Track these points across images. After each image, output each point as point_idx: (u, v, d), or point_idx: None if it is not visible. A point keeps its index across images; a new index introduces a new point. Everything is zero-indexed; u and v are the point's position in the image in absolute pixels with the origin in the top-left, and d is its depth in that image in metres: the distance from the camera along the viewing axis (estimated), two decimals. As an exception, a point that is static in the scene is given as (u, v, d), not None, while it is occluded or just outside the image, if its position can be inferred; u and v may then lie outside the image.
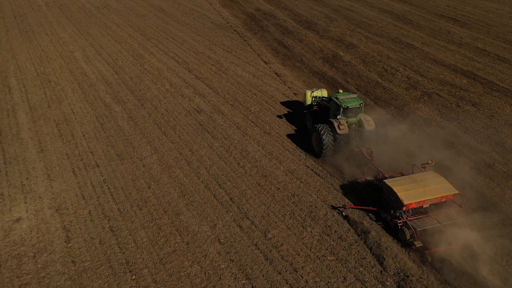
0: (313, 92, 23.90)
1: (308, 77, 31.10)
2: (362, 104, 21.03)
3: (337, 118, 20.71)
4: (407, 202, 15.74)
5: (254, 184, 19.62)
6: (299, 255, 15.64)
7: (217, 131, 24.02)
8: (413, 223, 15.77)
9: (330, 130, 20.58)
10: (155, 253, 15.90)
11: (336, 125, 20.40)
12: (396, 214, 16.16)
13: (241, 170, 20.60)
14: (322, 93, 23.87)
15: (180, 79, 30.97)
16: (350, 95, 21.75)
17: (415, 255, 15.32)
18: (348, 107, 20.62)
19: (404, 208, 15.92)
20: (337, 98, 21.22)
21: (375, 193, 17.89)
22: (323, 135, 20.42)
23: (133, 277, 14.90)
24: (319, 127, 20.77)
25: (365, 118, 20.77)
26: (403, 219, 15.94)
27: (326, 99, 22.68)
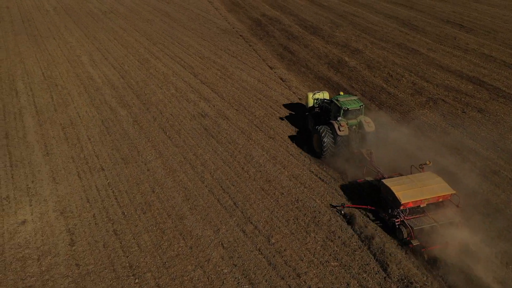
0: (315, 94, 24.28)
1: (313, 82, 31.13)
2: (362, 106, 21.30)
3: (338, 119, 21.00)
4: (404, 201, 16.02)
5: (258, 189, 19.63)
6: (302, 260, 15.59)
7: (221, 135, 24.08)
8: (410, 222, 16.02)
9: (331, 131, 20.93)
10: (158, 257, 15.93)
11: (336, 126, 20.73)
12: (394, 213, 16.47)
13: (245, 175, 20.62)
14: (323, 95, 24.27)
15: (185, 84, 31.12)
16: (351, 97, 22.06)
17: (419, 262, 15.24)
18: (348, 109, 20.96)
19: (401, 207, 16.19)
20: (337, 100, 21.52)
21: (374, 193, 18.17)
22: (324, 136, 20.78)
23: (136, 280, 14.92)
24: (320, 129, 21.10)
25: (365, 120, 21.09)
26: (400, 218, 16.20)
27: (327, 101, 23.07)
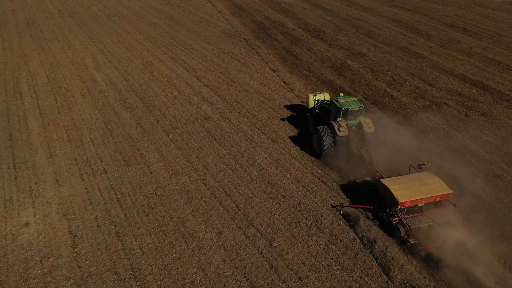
0: (315, 95, 24.57)
1: (316, 85, 31.14)
2: (362, 107, 21.55)
3: (338, 120, 21.26)
4: (402, 200, 16.21)
5: (260, 191, 19.63)
6: (304, 263, 15.57)
7: (224, 138, 24.11)
8: (407, 221, 16.21)
9: (331, 132, 21.21)
10: (160, 259, 15.94)
11: (336, 127, 20.99)
12: (392, 212, 16.64)
13: (248, 178, 20.63)
14: (324, 96, 24.55)
15: (188, 87, 31.20)
16: (351, 98, 22.32)
17: (422, 266, 15.18)
18: (348, 109, 21.23)
19: (399, 206, 16.37)
20: (337, 101, 21.80)
21: (372, 192, 18.36)
22: (324, 137, 21.06)
23: (138, 283, 14.93)
24: (320, 129, 21.38)
25: (365, 120, 21.32)
26: (398, 217, 16.42)
27: (328, 102, 23.38)
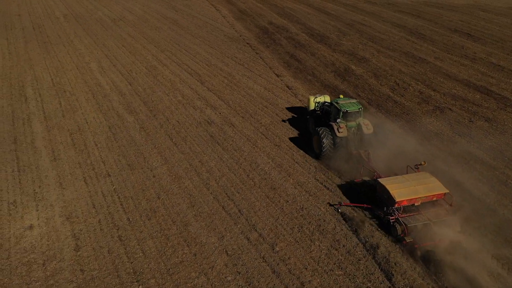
0: (316, 97, 25.04)
1: (320, 90, 31.15)
2: (361, 109, 22.07)
3: (337, 121, 21.65)
4: (398, 199, 16.55)
5: (263, 196, 19.62)
6: (306, 269, 15.52)
7: (227, 142, 24.16)
8: (404, 220, 16.48)
9: (330, 133, 21.59)
10: (162, 263, 15.94)
11: (335, 128, 21.42)
12: (389, 211, 16.95)
13: (250, 182, 20.63)
14: (325, 98, 24.97)
15: (192, 91, 31.32)
16: (350, 100, 22.79)
17: (424, 272, 15.10)
18: (347, 111, 21.68)
19: (396, 205, 16.70)
20: (337, 103, 22.26)
21: (370, 192, 18.67)
22: (323, 138, 21.44)
23: (140, 287, 14.93)
24: (319, 130, 21.77)
25: (364, 122, 21.77)
26: (395, 215, 16.71)
27: (328, 104, 23.75)
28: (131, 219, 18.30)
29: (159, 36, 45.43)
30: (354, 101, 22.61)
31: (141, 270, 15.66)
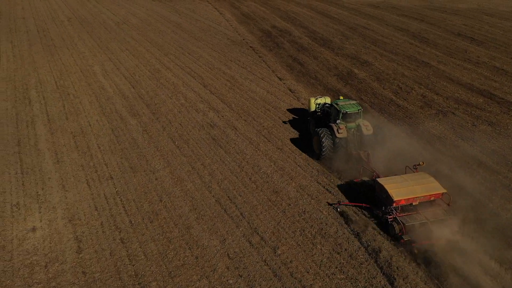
0: (317, 99, 25.37)
1: (322, 93, 31.15)
2: (360, 110, 22.31)
3: (337, 122, 21.90)
4: (396, 198, 16.84)
5: (265, 199, 19.62)
6: (308, 272, 15.48)
7: (229, 145, 24.18)
8: (402, 219, 16.78)
9: (330, 133, 21.81)
10: (164, 266, 15.95)
11: (335, 129, 21.66)
12: (387, 210, 17.30)
13: (253, 185, 20.64)
14: (325, 100, 25.28)
15: (195, 94, 31.40)
16: (350, 101, 23.05)
17: (427, 276, 15.04)
18: (347, 112, 21.94)
19: (394, 205, 16.99)
20: (337, 104, 22.57)
21: (369, 192, 18.89)
22: (323, 138, 21.67)
23: (142, 289, 14.95)
24: (319, 131, 22.00)
25: (363, 123, 21.99)
26: (393, 215, 17.03)
27: (328, 105, 24.07)
28: (133, 222, 18.33)
29: (162, 39, 45.62)
30: (354, 102, 22.90)
31: (142, 272, 15.66)
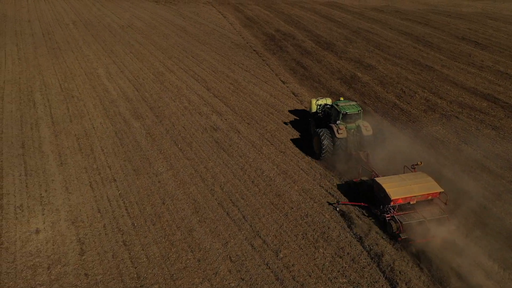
0: (318, 100, 25.80)
1: (325, 97, 31.15)
2: (360, 111, 22.61)
3: (337, 123, 22.20)
4: (394, 197, 17.08)
5: (268, 203, 19.61)
6: (310, 276, 15.45)
7: (232, 149, 24.21)
8: (399, 217, 17.06)
9: (330, 134, 22.09)
10: (166, 268, 15.96)
11: (335, 129, 21.97)
12: (385, 209, 17.56)
13: (255, 189, 20.64)
14: (326, 101, 25.64)
15: (198, 97, 31.48)
16: (350, 102, 23.36)
17: (429, 281, 14.96)
18: (347, 113, 22.24)
19: (391, 203, 17.22)
20: (337, 105, 22.85)
21: (368, 191, 19.04)
22: (323, 139, 21.97)
23: (144, 292, 14.96)
24: (319, 131, 22.30)
25: (363, 124, 22.28)
26: (390, 213, 17.31)
27: (329, 106, 24.37)
28: (135, 224, 18.37)
29: (166, 42, 45.81)
30: (354, 103, 23.21)
31: (145, 275, 15.68)
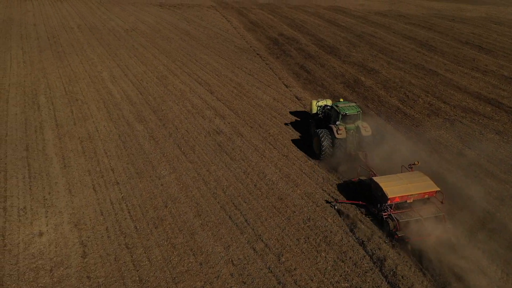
0: (318, 101, 26.19)
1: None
2: (360, 112, 22.96)
3: (336, 124, 22.51)
4: (391, 196, 17.42)
5: (270, 206, 19.60)
6: (312, 280, 15.41)
7: (235, 152, 24.24)
8: (396, 216, 17.34)
9: (330, 134, 22.42)
10: (168, 272, 15.96)
11: (335, 130, 22.32)
12: (382, 207, 17.81)
13: (258, 192, 20.63)
14: (326, 102, 26.00)
15: (201, 101, 31.57)
16: (350, 103, 23.72)
17: (432, 286, 14.89)
18: (346, 114, 22.59)
19: (388, 202, 17.56)
20: (337, 106, 23.22)
21: (367, 190, 19.33)
22: (323, 139, 22.31)
23: (145, 295, 14.95)
24: (319, 132, 22.71)
25: (362, 124, 22.60)
26: (388, 212, 17.60)
27: (329, 107, 24.70)
28: (138, 227, 18.39)
29: (170, 46, 46.01)
30: (354, 104, 23.52)
31: (146, 278, 15.69)
